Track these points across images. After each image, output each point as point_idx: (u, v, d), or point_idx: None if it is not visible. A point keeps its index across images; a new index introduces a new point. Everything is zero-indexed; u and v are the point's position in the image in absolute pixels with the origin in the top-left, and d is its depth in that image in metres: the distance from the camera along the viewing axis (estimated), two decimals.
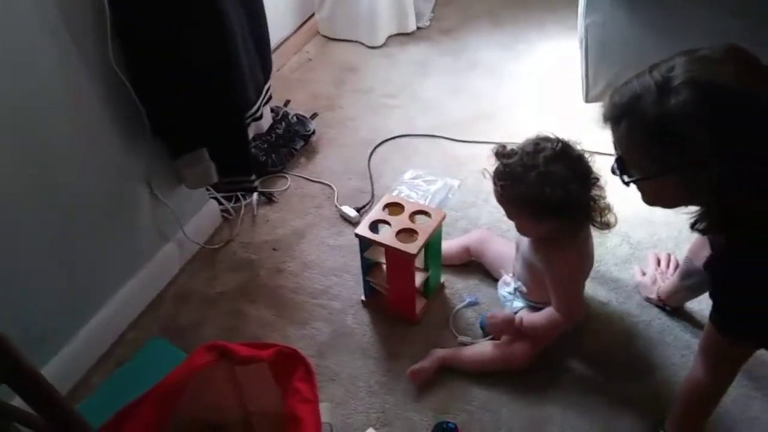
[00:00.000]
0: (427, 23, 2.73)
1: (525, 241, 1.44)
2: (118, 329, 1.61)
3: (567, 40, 2.42)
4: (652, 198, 1.07)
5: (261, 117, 1.70)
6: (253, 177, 1.69)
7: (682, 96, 0.91)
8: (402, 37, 2.67)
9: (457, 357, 1.47)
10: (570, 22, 2.30)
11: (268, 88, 1.72)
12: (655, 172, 0.99)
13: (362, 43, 2.64)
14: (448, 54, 2.57)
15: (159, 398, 1.09)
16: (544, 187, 1.26)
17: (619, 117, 1.00)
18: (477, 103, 2.30)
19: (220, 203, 1.87)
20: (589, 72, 1.99)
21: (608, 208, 1.36)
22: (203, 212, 1.81)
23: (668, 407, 1.37)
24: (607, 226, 1.37)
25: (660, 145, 0.96)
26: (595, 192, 1.34)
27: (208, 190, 1.81)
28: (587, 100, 2.06)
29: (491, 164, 1.37)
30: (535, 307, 1.49)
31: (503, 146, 1.36)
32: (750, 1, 1.68)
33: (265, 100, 1.72)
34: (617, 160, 1.06)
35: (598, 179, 1.34)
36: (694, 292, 1.47)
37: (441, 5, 2.85)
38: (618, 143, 1.04)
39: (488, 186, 1.91)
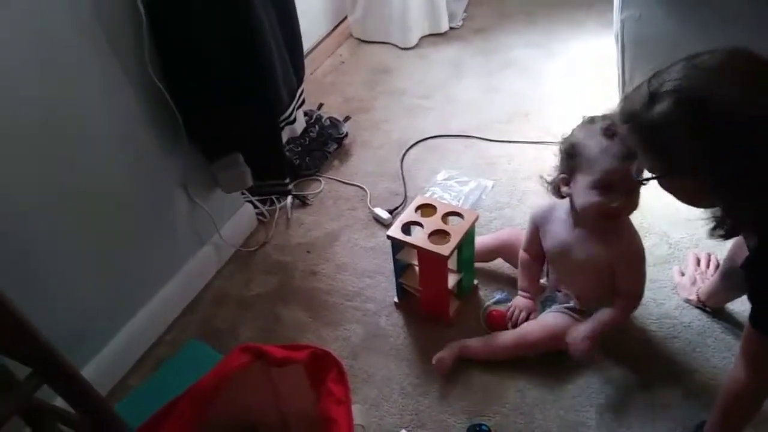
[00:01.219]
0: (460, 23, 2.72)
1: (574, 245, 1.41)
2: (157, 331, 1.65)
3: (602, 36, 2.38)
4: (673, 195, 1.05)
5: (294, 121, 1.72)
6: (288, 180, 1.71)
7: (664, 105, 0.92)
8: (435, 37, 2.67)
9: (474, 347, 1.48)
10: (605, 19, 2.26)
11: (302, 92, 1.74)
12: (660, 172, 1.01)
13: (395, 45, 2.65)
14: (481, 54, 2.56)
15: (196, 399, 1.11)
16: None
17: (623, 121, 1.02)
18: (511, 102, 2.28)
19: (255, 207, 1.90)
20: (626, 68, 1.95)
21: None
22: (238, 216, 1.83)
23: (707, 411, 1.33)
24: None
25: (652, 150, 0.98)
26: None
27: (243, 193, 1.84)
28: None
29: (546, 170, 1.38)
30: (570, 314, 1.46)
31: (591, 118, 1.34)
32: None
33: (298, 104, 1.73)
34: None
35: None
36: (736, 293, 1.43)
37: (474, 5, 2.83)
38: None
39: (523, 185, 1.92)
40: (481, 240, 1.67)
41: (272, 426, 1.25)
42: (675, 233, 1.71)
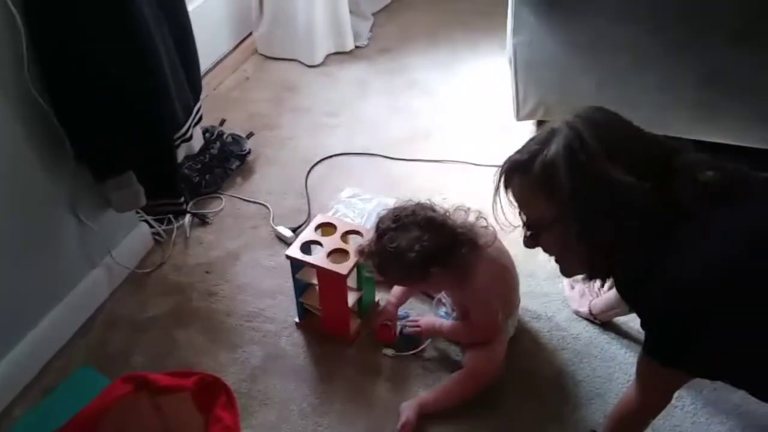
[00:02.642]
0: (366, 42, 2.76)
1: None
2: (44, 358, 1.56)
3: (501, 59, 2.47)
4: (548, 249, 1.14)
5: (191, 138, 1.68)
6: (183, 199, 1.66)
7: (554, 146, 1.02)
8: (340, 56, 2.69)
9: (431, 398, 1.44)
10: (502, 43, 2.36)
11: (199, 109, 1.71)
12: (546, 219, 1.08)
13: (301, 62, 2.65)
14: (386, 73, 2.60)
15: (77, 429, 1.05)
16: (404, 258, 1.32)
17: (513, 171, 1.10)
18: (414, 121, 2.33)
19: (151, 226, 1.84)
20: (519, 91, 2.04)
21: (480, 226, 1.40)
22: (133, 236, 1.77)
23: (593, 420, 1.40)
24: (487, 244, 1.40)
25: (543, 190, 1.05)
26: (452, 226, 1.38)
27: (137, 213, 1.77)
28: (518, 118, 2.11)
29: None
30: None
31: (361, 250, 1.41)
32: (666, 21, 1.75)
33: (195, 121, 1.70)
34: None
35: (447, 213, 1.40)
36: (628, 310, 1.51)
37: (379, 25, 2.88)
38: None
39: None
40: None
41: None
42: None
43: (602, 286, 1.61)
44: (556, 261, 1.15)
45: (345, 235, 1.52)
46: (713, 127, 1.90)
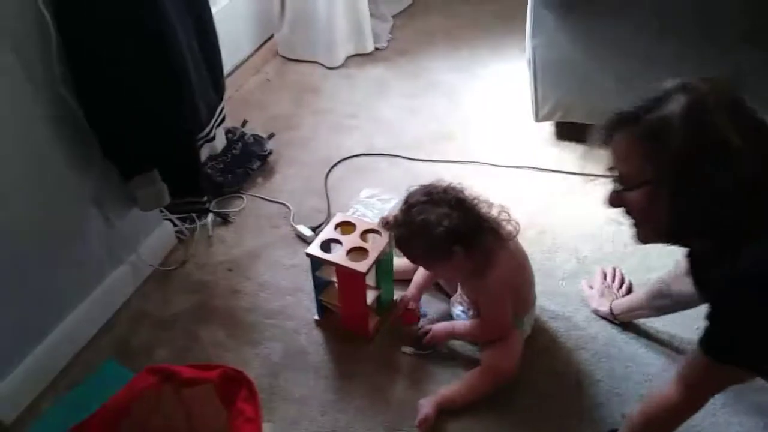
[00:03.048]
0: (385, 44, 2.78)
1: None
2: (70, 352, 1.60)
3: (520, 61, 2.48)
4: (634, 208, 1.06)
5: (214, 138, 1.72)
6: (206, 198, 1.70)
7: (676, 105, 0.96)
8: (360, 57, 2.72)
9: (449, 395, 1.45)
10: (521, 45, 2.36)
11: (222, 109, 1.74)
12: (645, 178, 1.00)
13: (321, 64, 2.68)
14: (406, 75, 2.62)
15: (103, 421, 1.08)
16: (432, 232, 1.33)
17: (614, 127, 1.04)
18: (434, 123, 2.34)
19: (175, 225, 1.88)
20: (538, 92, 2.05)
21: (503, 219, 1.42)
22: (157, 234, 1.81)
23: (612, 418, 1.41)
24: (511, 234, 1.43)
25: (647, 149, 0.98)
26: (480, 211, 1.40)
27: (161, 211, 1.81)
28: (537, 119, 2.12)
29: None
30: None
31: (386, 220, 1.44)
32: (682, 25, 1.75)
33: (218, 122, 1.73)
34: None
35: (476, 199, 1.41)
36: (658, 313, 1.51)
37: (398, 27, 2.90)
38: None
39: None
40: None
41: None
42: (583, 249, 1.80)
43: (620, 287, 1.63)
44: (635, 225, 1.09)
45: (364, 234, 1.54)
46: None
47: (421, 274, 1.64)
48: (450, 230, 1.33)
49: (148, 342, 1.63)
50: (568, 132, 2.18)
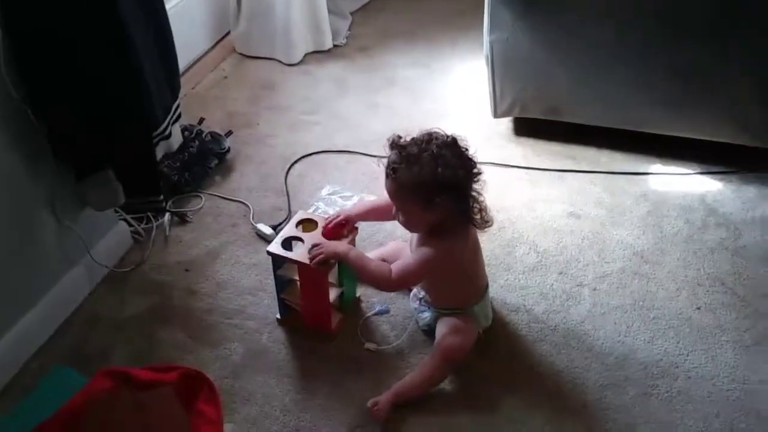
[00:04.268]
0: (344, 41, 2.77)
1: (415, 242, 1.48)
2: (23, 357, 1.54)
3: (478, 58, 2.50)
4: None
5: (170, 136, 1.68)
6: (162, 197, 1.66)
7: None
8: (319, 54, 2.70)
9: (403, 387, 1.44)
10: (479, 40, 2.38)
11: (177, 107, 1.70)
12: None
13: (279, 61, 2.65)
14: (365, 71, 2.61)
15: (57, 429, 1.05)
16: (437, 167, 1.32)
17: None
18: (394, 119, 2.34)
19: (131, 225, 1.83)
20: (496, 88, 2.06)
21: (486, 208, 1.44)
22: (112, 234, 1.76)
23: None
24: (487, 223, 1.44)
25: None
26: (477, 187, 1.41)
27: (116, 211, 1.76)
28: (496, 115, 2.14)
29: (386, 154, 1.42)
30: (445, 315, 1.52)
31: (398, 136, 1.42)
32: (639, 18, 1.79)
33: (174, 119, 1.69)
34: None
35: (480, 174, 1.41)
36: None
37: (357, 24, 2.89)
38: None
39: None
40: (369, 254, 1.70)
41: None
42: (542, 243, 1.82)
43: None
44: None
45: (327, 225, 1.52)
46: (686, 123, 1.94)
47: (372, 203, 1.63)
48: (451, 180, 1.32)
49: (104, 346, 1.59)
50: (527, 128, 2.21)
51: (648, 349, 1.54)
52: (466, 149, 1.40)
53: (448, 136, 1.39)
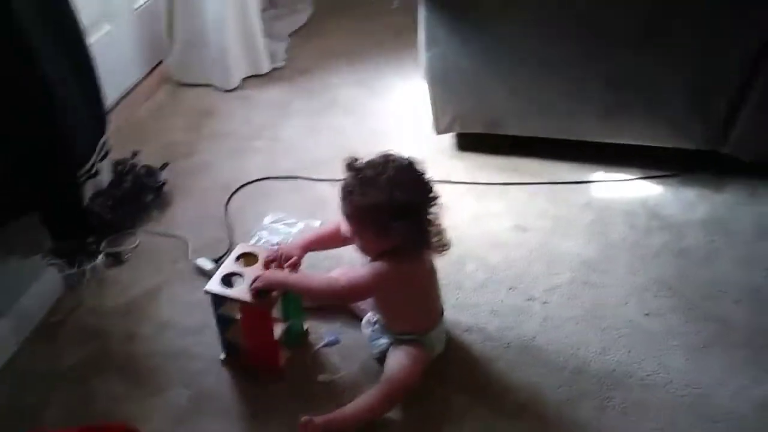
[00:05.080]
0: (283, 64, 2.73)
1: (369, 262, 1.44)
2: None
3: (419, 74, 2.49)
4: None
5: (98, 174, 1.60)
6: (93, 239, 1.58)
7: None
8: (257, 78, 2.65)
9: (343, 414, 1.38)
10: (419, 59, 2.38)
11: (105, 143, 1.63)
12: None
13: (216, 87, 2.59)
14: (305, 93, 2.58)
15: None
16: (394, 191, 1.29)
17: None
18: (337, 141, 2.31)
19: (62, 270, 1.73)
20: (436, 104, 2.05)
21: (444, 231, 1.41)
22: (42, 281, 1.66)
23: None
24: (444, 247, 1.42)
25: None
26: (434, 210, 1.38)
27: (45, 256, 1.67)
28: (438, 131, 2.13)
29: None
30: (401, 341, 1.48)
31: (354, 158, 1.38)
32: (570, 28, 1.80)
33: (101, 156, 1.62)
34: None
35: (437, 197, 1.38)
36: None
37: (296, 46, 2.86)
38: None
39: None
40: None
41: None
42: (491, 258, 1.80)
43: None
44: None
45: (268, 264, 1.47)
46: (621, 130, 1.97)
47: (319, 231, 1.61)
48: (407, 204, 1.30)
49: (36, 403, 1.49)
50: (470, 142, 2.20)
51: (601, 360, 1.53)
52: (423, 172, 1.37)
53: (404, 159, 1.37)
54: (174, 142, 2.31)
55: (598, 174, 2.07)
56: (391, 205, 1.29)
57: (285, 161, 2.22)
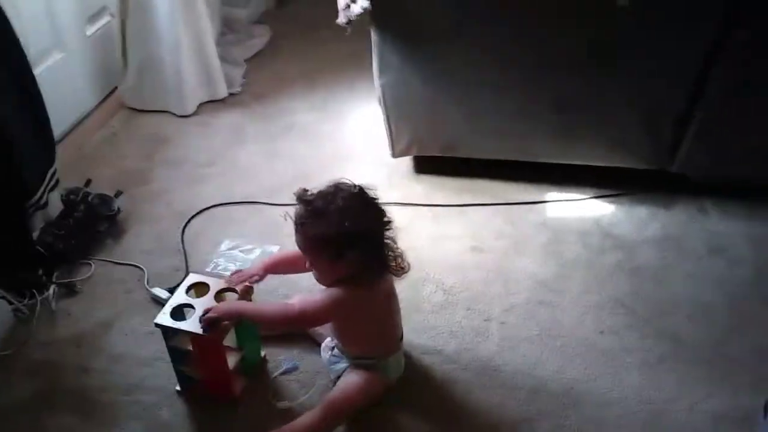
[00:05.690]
0: (239, 89, 2.72)
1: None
2: None
3: (375, 98, 2.51)
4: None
5: (46, 204, 1.57)
6: (41, 271, 1.54)
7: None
8: (214, 104, 2.64)
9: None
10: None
11: (54, 173, 1.60)
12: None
13: (172, 113, 2.56)
14: (263, 118, 2.57)
15: None
16: (344, 221, 1.30)
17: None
18: (294, 165, 2.30)
19: (11, 303, 1.68)
20: (392, 129, 2.07)
21: (402, 254, 1.42)
22: None
23: None
24: (403, 270, 1.42)
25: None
26: (389, 234, 1.39)
27: None
28: (394, 155, 2.14)
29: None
30: (358, 364, 1.48)
31: (305, 189, 1.38)
32: (518, 52, 1.84)
33: (50, 186, 1.59)
34: None
35: (391, 222, 1.39)
36: None
37: (252, 71, 2.86)
38: None
39: None
40: None
41: None
42: (448, 279, 1.82)
43: None
44: None
45: (219, 294, 1.45)
46: (573, 151, 2.01)
47: (281, 255, 1.61)
48: (359, 232, 1.30)
49: None
50: (427, 165, 2.22)
51: (558, 380, 1.55)
52: (375, 199, 1.38)
53: (355, 186, 1.36)
54: (129, 170, 2.28)
55: (553, 194, 2.11)
56: (341, 234, 1.30)
57: (242, 187, 2.20)
